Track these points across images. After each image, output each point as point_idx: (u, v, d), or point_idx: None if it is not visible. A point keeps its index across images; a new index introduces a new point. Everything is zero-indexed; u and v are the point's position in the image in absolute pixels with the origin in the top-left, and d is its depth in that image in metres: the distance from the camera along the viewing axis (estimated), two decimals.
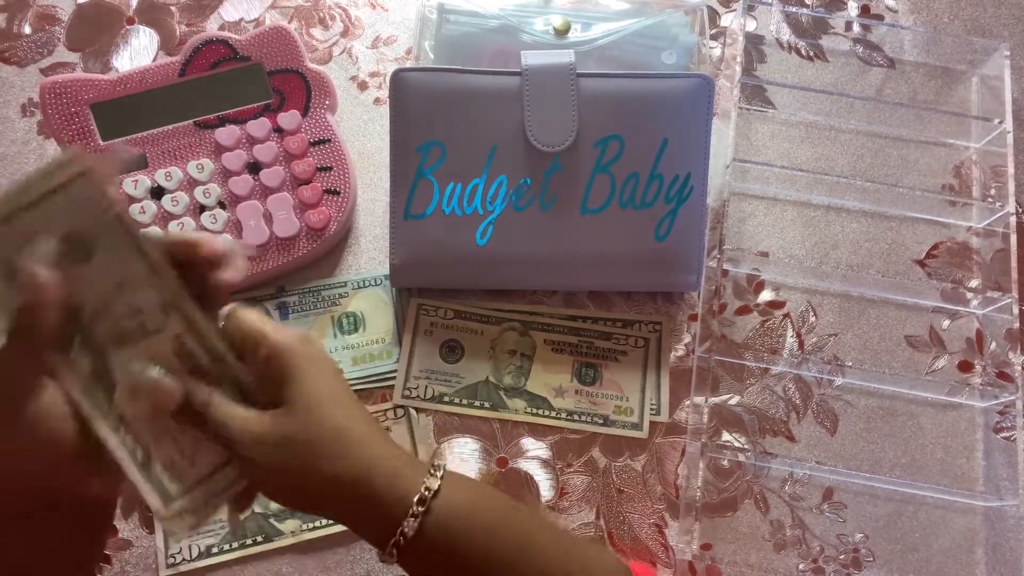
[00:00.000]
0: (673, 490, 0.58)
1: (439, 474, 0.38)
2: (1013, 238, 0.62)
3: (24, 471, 0.35)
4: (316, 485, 0.37)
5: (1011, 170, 0.63)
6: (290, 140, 0.59)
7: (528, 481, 0.58)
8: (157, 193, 0.59)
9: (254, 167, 0.59)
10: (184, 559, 0.54)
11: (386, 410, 0.58)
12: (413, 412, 0.58)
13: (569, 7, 0.63)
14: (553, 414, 0.59)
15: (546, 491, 0.58)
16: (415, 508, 0.37)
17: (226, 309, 0.39)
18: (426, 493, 0.37)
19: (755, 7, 0.68)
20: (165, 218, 0.58)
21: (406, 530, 0.36)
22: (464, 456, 0.58)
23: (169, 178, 0.59)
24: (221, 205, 0.59)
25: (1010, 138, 0.63)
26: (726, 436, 0.59)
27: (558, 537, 0.42)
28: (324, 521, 0.55)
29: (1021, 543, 0.57)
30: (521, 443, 0.58)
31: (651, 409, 0.59)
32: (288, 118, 0.60)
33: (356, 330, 0.60)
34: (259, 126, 0.59)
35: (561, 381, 0.59)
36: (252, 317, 0.38)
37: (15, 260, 0.31)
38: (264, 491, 0.38)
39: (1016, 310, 0.60)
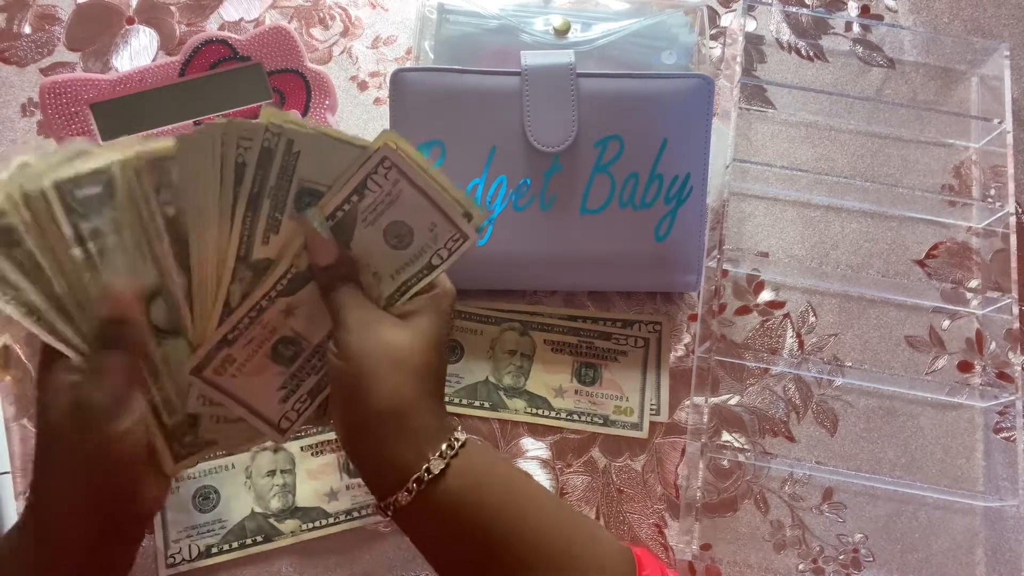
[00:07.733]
0: (673, 490, 0.58)
1: (457, 445, 0.40)
2: (1013, 238, 0.62)
3: (115, 470, 0.38)
4: (357, 409, 0.39)
5: (1011, 170, 0.63)
6: None
7: None
8: None
9: None
10: (184, 559, 0.54)
11: None
12: None
13: (569, 7, 0.63)
14: (553, 414, 0.59)
15: None
16: (429, 466, 0.39)
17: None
18: (440, 459, 0.39)
19: (755, 7, 0.68)
20: None
21: (431, 467, 0.38)
22: None
23: None
24: None
25: (1010, 138, 0.63)
26: (726, 436, 0.59)
27: (561, 512, 0.43)
28: (324, 521, 0.55)
29: (1021, 543, 0.57)
30: (521, 443, 0.58)
31: (651, 409, 0.59)
32: None
33: None
34: None
35: (561, 381, 0.59)
36: None
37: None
38: (332, 392, 0.42)
39: (1016, 310, 0.60)
